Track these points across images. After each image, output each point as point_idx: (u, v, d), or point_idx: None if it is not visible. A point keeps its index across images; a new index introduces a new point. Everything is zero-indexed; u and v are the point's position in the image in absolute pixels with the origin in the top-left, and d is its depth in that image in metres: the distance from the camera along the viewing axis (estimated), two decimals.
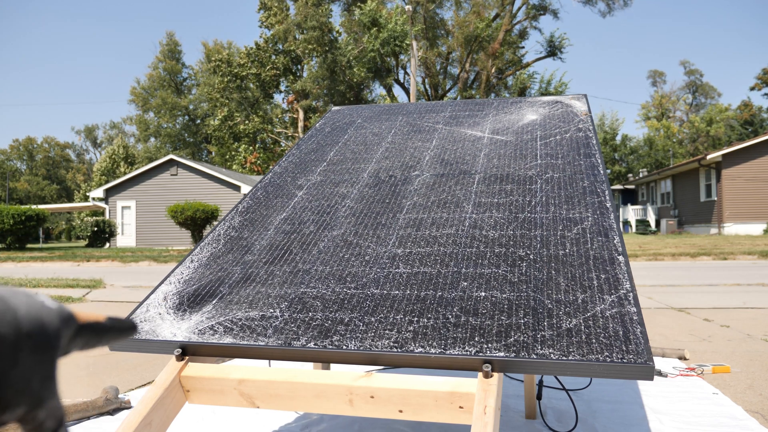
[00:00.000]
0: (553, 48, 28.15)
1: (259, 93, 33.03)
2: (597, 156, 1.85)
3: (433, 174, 1.89)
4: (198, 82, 43.27)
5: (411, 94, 21.42)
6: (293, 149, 2.36)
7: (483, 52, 27.88)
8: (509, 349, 1.08)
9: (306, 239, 1.61)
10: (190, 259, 1.62)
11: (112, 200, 22.85)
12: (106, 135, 59.17)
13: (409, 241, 1.51)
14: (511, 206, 1.61)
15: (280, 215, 1.79)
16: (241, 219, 1.82)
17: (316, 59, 28.99)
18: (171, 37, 45.46)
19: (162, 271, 10.57)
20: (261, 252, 1.59)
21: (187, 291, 1.45)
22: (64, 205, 27.72)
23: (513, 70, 29.74)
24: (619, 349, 1.05)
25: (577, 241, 1.40)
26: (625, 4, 26.92)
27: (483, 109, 2.48)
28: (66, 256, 14.41)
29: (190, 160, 23.40)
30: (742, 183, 20.64)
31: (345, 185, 1.92)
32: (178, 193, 22.02)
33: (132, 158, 42.49)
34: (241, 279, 1.47)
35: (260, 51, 32.47)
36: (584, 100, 2.42)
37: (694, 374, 2.85)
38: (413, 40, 22.16)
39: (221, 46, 39.91)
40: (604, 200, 1.58)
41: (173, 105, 42.57)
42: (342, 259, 1.48)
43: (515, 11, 28.49)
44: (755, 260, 10.78)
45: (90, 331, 0.41)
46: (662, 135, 43.29)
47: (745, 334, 3.94)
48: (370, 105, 2.81)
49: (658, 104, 48.32)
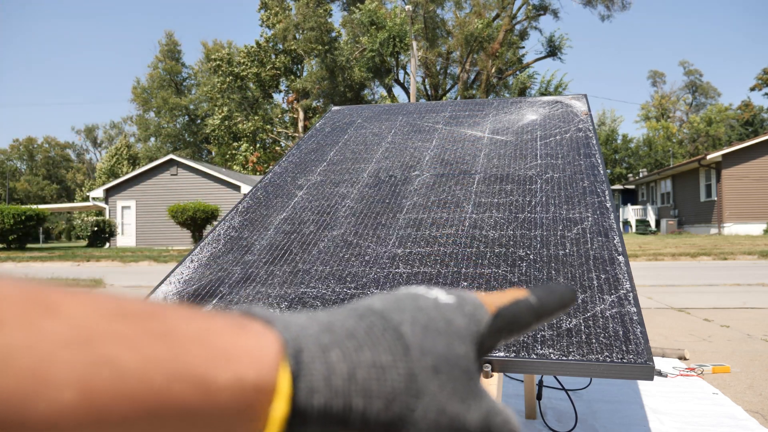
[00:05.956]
0: (553, 48, 28.15)
1: (259, 93, 33.03)
2: (597, 156, 1.85)
3: (433, 174, 1.89)
4: (198, 82, 43.27)
5: (411, 94, 21.43)
6: (293, 149, 2.36)
7: (483, 52, 27.88)
8: (509, 348, 1.08)
9: (306, 239, 1.61)
10: (190, 259, 1.62)
11: (112, 200, 22.84)
12: (106, 135, 59.19)
13: (409, 241, 1.51)
14: (511, 206, 1.61)
15: (280, 215, 1.79)
16: (241, 219, 1.82)
17: (315, 59, 28.98)
18: (171, 37, 45.43)
19: (162, 271, 10.57)
20: (261, 252, 1.59)
21: (187, 291, 1.45)
22: (64, 205, 27.72)
23: (513, 70, 29.74)
24: (619, 349, 1.05)
25: (577, 241, 1.40)
26: (624, 7, 26.92)
27: (483, 109, 2.48)
28: (66, 256, 14.42)
29: (190, 160, 23.41)
30: (742, 183, 20.64)
31: (345, 185, 1.92)
32: (178, 193, 22.01)
33: (135, 158, 42.55)
34: (241, 279, 1.47)
35: (261, 50, 32.47)
36: (584, 100, 2.42)
37: (694, 374, 2.85)
38: (413, 40, 22.16)
39: (221, 46, 39.91)
40: (604, 200, 1.58)
41: (173, 105, 42.58)
42: (342, 259, 1.48)
43: (515, 11, 28.49)
44: (755, 260, 10.78)
45: (511, 317, 0.31)
46: (662, 135, 43.28)
47: (745, 334, 3.94)
48: (370, 105, 2.81)
49: (658, 104, 48.32)
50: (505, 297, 0.31)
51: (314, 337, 0.23)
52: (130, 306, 0.21)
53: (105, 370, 0.19)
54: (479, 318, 0.29)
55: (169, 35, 45.43)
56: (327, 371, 0.22)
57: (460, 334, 0.27)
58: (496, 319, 0.29)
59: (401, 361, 0.24)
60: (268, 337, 0.22)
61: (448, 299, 0.28)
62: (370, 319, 0.25)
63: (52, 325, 0.19)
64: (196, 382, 0.20)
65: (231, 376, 0.21)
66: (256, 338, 0.22)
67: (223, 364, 0.21)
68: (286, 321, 0.24)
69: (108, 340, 0.20)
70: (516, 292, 0.32)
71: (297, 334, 0.23)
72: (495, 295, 0.31)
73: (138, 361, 0.20)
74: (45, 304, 0.20)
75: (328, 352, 0.22)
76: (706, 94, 48.77)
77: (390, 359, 0.24)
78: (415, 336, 0.25)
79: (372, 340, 0.24)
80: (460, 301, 0.29)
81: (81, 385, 0.19)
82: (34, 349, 0.19)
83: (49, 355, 0.19)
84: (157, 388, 0.20)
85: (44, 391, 0.19)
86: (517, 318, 0.30)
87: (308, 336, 0.23)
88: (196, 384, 0.20)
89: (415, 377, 0.24)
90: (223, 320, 0.22)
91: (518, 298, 0.31)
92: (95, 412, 0.19)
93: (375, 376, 0.23)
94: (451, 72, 31.20)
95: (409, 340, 0.25)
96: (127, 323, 0.20)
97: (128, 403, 0.20)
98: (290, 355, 0.22)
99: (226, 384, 0.21)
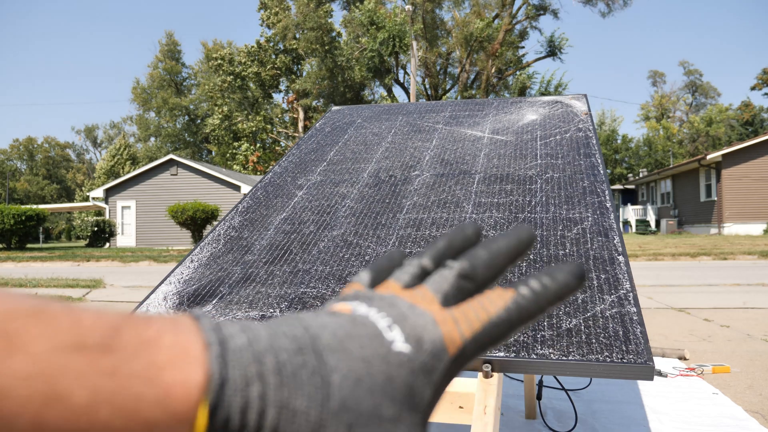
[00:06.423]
0: (553, 48, 28.14)
1: (259, 93, 33.04)
2: (597, 156, 1.85)
3: (433, 174, 1.89)
4: (198, 82, 43.28)
5: (411, 94, 21.42)
6: (293, 149, 2.36)
7: (483, 52, 27.88)
8: (509, 349, 1.08)
9: (306, 239, 1.61)
10: (190, 259, 1.62)
11: (112, 200, 22.84)
12: (106, 135, 59.20)
13: (409, 241, 1.51)
14: (511, 206, 1.61)
15: (280, 215, 1.79)
16: (241, 219, 1.82)
17: (315, 59, 28.98)
18: (170, 37, 45.43)
19: (162, 271, 10.57)
20: (261, 252, 1.59)
21: (187, 291, 1.45)
22: (64, 205, 27.72)
23: (513, 70, 29.73)
24: (619, 349, 1.05)
25: (577, 241, 1.40)
26: (625, 4, 26.90)
27: (483, 109, 2.48)
28: (66, 256, 14.41)
29: (190, 160, 23.40)
30: (742, 183, 20.64)
31: (345, 185, 1.92)
32: (178, 193, 22.01)
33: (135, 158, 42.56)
34: (241, 279, 1.47)
35: (261, 50, 32.48)
36: (584, 100, 2.42)
37: (694, 374, 2.85)
38: (413, 40, 22.16)
39: (221, 46, 39.91)
40: (604, 200, 1.58)
41: (173, 105, 42.59)
42: (342, 259, 1.48)
43: (515, 11, 28.49)
44: (755, 260, 10.78)
45: (477, 347, 0.28)
46: (662, 135, 43.28)
47: (745, 334, 3.94)
48: (370, 105, 2.81)
49: (658, 104, 48.32)
50: (483, 311, 0.29)
51: (243, 367, 0.24)
52: (87, 337, 0.23)
53: (58, 406, 0.21)
54: (432, 368, 0.27)
55: (169, 35, 45.42)
56: (244, 406, 0.24)
57: (395, 395, 0.25)
58: (457, 361, 0.28)
59: (314, 410, 0.24)
60: (198, 370, 0.24)
61: (404, 347, 0.26)
62: (305, 358, 0.25)
63: (13, 361, 0.21)
64: (136, 417, 0.22)
65: (162, 414, 0.23)
66: (189, 370, 0.24)
67: (161, 401, 0.23)
68: (224, 346, 0.25)
69: (63, 376, 0.22)
70: (500, 295, 0.29)
71: (228, 361, 0.24)
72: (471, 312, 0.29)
73: (87, 398, 0.22)
74: (9, 339, 0.21)
75: (250, 386, 0.24)
76: (706, 94, 48.77)
77: (304, 405, 0.24)
78: (342, 389, 0.25)
79: (296, 381, 0.24)
80: (416, 349, 0.27)
81: (34, 417, 0.21)
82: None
83: (6, 390, 0.21)
84: (102, 422, 0.22)
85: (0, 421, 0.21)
86: (487, 342, 0.29)
87: (238, 364, 0.24)
88: (136, 419, 0.22)
89: (324, 430, 0.24)
90: (167, 352, 0.24)
91: (497, 311, 0.29)
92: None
93: (285, 418, 0.24)
94: (451, 72, 31.20)
95: (334, 391, 0.24)
96: (82, 358, 0.22)
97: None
98: (212, 390, 0.23)
99: (160, 418, 0.23)
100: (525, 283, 0.30)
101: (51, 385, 0.21)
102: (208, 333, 0.25)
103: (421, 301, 0.29)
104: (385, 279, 0.33)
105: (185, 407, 0.23)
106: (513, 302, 0.29)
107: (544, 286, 0.30)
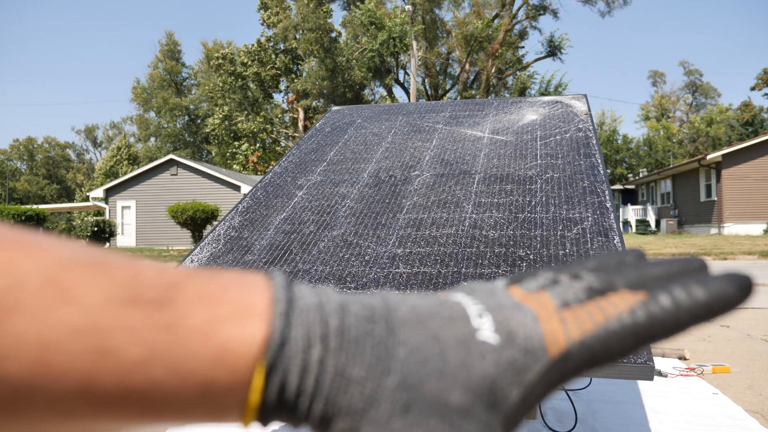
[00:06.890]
0: (553, 48, 28.14)
1: (259, 93, 33.04)
2: (597, 156, 1.85)
3: (433, 174, 1.89)
4: (198, 82, 43.29)
5: (411, 94, 21.43)
6: (293, 149, 2.36)
7: (483, 52, 27.88)
8: None
9: (306, 239, 1.61)
10: (189, 259, 1.62)
11: (112, 200, 22.85)
12: (105, 135, 59.20)
13: (409, 241, 1.51)
14: (511, 206, 1.61)
15: (280, 215, 1.79)
16: (241, 219, 1.82)
17: (315, 60, 28.99)
18: (171, 37, 45.44)
19: None
20: (261, 252, 1.59)
21: None
22: (64, 205, 27.72)
23: (513, 70, 29.74)
24: None
25: (577, 241, 1.40)
26: (625, 3, 26.88)
27: (483, 109, 2.48)
28: None
29: (190, 160, 23.40)
30: (742, 183, 20.64)
31: (345, 185, 1.92)
32: (178, 193, 22.01)
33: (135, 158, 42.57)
34: None
35: (261, 50, 32.49)
36: (584, 100, 2.42)
37: (694, 374, 2.85)
38: (413, 40, 22.16)
39: (221, 46, 39.93)
40: (604, 200, 1.58)
41: (173, 105, 42.59)
42: (342, 259, 1.48)
43: (515, 11, 28.49)
44: (755, 260, 10.78)
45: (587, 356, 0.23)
46: (662, 135, 43.29)
47: (745, 334, 3.94)
48: (370, 105, 2.81)
49: (658, 104, 48.32)
50: (599, 312, 0.24)
51: (307, 328, 0.22)
52: (143, 291, 0.21)
53: (109, 362, 0.20)
54: (524, 366, 0.23)
55: (169, 35, 45.42)
56: (302, 370, 0.22)
57: (470, 385, 0.22)
58: (558, 366, 0.23)
59: (371, 382, 0.22)
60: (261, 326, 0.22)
61: (491, 337, 0.23)
62: (374, 326, 0.23)
63: (64, 312, 0.20)
64: (192, 376, 0.21)
65: (217, 372, 0.21)
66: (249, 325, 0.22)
67: (218, 358, 0.21)
68: (291, 304, 0.23)
69: (115, 330, 0.20)
70: (625, 298, 0.24)
71: (291, 320, 0.23)
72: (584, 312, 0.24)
73: (141, 354, 0.20)
74: (61, 290, 0.20)
75: (312, 348, 0.22)
76: (706, 94, 48.77)
77: (362, 376, 0.22)
78: (406, 364, 0.22)
79: (358, 348, 0.22)
80: (505, 342, 0.23)
81: (82, 374, 0.20)
82: (42, 337, 0.19)
83: (56, 344, 0.19)
84: (155, 380, 0.20)
85: (44, 379, 0.19)
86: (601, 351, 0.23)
87: (302, 324, 0.23)
88: (192, 378, 0.21)
89: (377, 404, 0.21)
90: (229, 306, 0.22)
91: (618, 313, 0.23)
92: (94, 400, 0.20)
93: (338, 386, 0.22)
94: (451, 72, 31.20)
95: (396, 364, 0.22)
96: (136, 313, 0.21)
97: (126, 393, 0.20)
98: (271, 349, 0.22)
99: (216, 377, 0.21)
100: (664, 288, 0.24)
101: (102, 340, 0.20)
102: (278, 289, 0.24)
103: (534, 302, 0.25)
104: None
105: (241, 366, 0.21)
106: (642, 307, 0.24)
107: (689, 294, 0.24)
